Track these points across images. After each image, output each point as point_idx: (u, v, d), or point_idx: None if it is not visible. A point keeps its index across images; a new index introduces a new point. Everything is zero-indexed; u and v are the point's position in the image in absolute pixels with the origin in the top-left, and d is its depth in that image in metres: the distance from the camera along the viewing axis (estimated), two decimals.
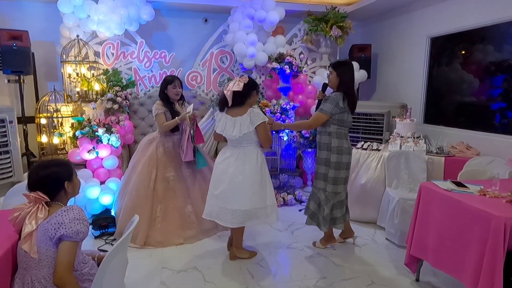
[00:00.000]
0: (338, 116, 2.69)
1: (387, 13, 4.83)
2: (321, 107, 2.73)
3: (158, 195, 3.06)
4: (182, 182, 3.14)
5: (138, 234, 2.95)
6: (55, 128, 3.91)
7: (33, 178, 1.50)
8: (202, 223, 3.09)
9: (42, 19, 4.30)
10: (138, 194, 3.03)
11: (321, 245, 2.98)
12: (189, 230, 3.07)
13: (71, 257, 1.41)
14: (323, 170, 2.78)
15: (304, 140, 4.29)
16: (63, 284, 1.37)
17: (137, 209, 2.93)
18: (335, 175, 2.74)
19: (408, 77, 4.50)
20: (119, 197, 3.22)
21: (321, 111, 2.71)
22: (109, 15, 3.94)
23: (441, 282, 2.45)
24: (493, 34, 3.43)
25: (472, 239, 1.95)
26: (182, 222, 3.07)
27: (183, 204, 3.10)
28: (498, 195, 2.10)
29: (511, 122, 3.28)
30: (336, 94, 2.69)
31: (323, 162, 2.77)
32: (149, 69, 4.46)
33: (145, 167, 3.08)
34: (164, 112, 3.06)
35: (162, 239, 2.98)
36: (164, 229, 3.01)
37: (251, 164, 2.58)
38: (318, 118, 2.73)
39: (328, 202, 2.78)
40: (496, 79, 3.44)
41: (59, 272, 1.37)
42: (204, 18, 4.86)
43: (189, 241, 3.05)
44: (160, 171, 3.08)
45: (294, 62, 4.37)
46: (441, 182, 2.39)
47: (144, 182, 3.04)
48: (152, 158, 3.09)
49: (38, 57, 4.25)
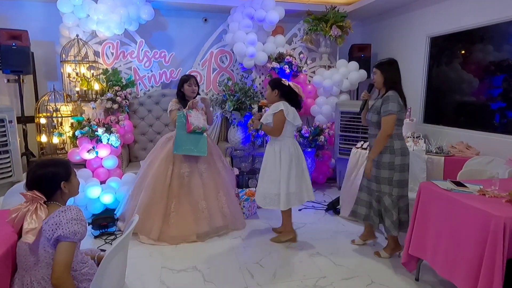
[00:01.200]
0: (398, 115, 2.59)
1: (386, 12, 4.83)
2: (388, 109, 2.55)
3: (173, 191, 3.13)
4: (197, 178, 3.20)
5: (153, 228, 3.01)
6: (54, 128, 3.91)
7: (30, 177, 1.51)
8: (214, 220, 3.16)
9: (41, 18, 4.30)
10: (155, 190, 3.10)
11: (387, 254, 2.83)
12: (202, 225, 3.11)
13: (69, 257, 1.41)
14: (386, 174, 2.66)
15: (304, 140, 4.30)
16: (60, 284, 1.37)
17: (153, 205, 3.06)
18: (400, 178, 2.66)
19: (408, 77, 4.48)
20: (133, 194, 3.23)
21: (390, 112, 2.55)
22: (109, 15, 3.94)
23: (441, 282, 2.45)
24: (492, 34, 3.43)
25: (471, 239, 1.95)
26: (195, 217, 3.11)
27: (197, 199, 3.15)
28: (497, 194, 2.10)
29: (510, 121, 3.28)
30: (393, 93, 2.59)
31: (387, 166, 2.65)
32: (148, 69, 4.46)
33: (163, 163, 3.16)
34: (178, 108, 3.19)
35: (176, 234, 3.03)
36: (178, 224, 3.06)
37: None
38: (390, 121, 2.56)
39: (395, 207, 2.69)
40: (496, 78, 3.44)
41: (57, 272, 1.37)
42: (203, 17, 4.86)
43: (201, 239, 3.10)
44: (176, 168, 3.16)
45: (294, 62, 4.37)
46: (441, 182, 2.39)
47: (161, 178, 3.12)
48: (169, 155, 3.18)
49: (37, 56, 4.24)
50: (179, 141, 3.10)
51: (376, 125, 2.70)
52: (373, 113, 2.71)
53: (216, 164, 3.36)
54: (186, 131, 3.09)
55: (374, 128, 2.73)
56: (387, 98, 2.59)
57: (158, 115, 4.45)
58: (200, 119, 3.15)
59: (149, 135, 4.43)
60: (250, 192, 3.76)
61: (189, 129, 3.08)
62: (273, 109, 2.90)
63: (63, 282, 1.38)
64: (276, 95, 2.95)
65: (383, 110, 2.59)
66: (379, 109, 2.65)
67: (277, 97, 2.96)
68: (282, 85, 2.95)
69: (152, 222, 3.04)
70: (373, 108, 2.74)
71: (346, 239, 3.20)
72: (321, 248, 3.00)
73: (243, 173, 4.24)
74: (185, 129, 3.09)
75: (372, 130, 2.76)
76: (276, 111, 2.87)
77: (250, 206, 3.67)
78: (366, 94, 2.86)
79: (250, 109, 4.17)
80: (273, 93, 2.96)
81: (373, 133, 2.74)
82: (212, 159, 3.34)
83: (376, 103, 2.72)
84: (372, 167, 2.73)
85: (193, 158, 3.21)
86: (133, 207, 3.15)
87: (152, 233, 3.02)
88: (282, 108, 2.86)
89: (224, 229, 3.24)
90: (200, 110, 3.25)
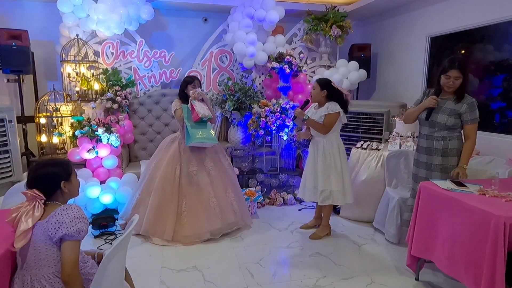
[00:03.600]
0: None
1: (386, 12, 4.83)
2: (476, 117, 2.47)
3: (183, 190, 3.13)
4: (205, 176, 3.20)
5: (166, 230, 3.01)
6: (54, 128, 3.91)
7: (31, 175, 1.51)
8: (226, 216, 3.17)
9: (41, 18, 4.30)
10: (164, 191, 3.10)
11: None
12: (215, 223, 3.11)
13: (76, 254, 1.43)
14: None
15: (304, 140, 4.29)
16: (73, 281, 1.40)
17: (164, 206, 3.07)
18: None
19: (408, 77, 4.50)
20: (141, 197, 3.19)
21: (477, 120, 2.49)
22: (109, 15, 3.94)
23: (441, 282, 2.45)
24: (492, 34, 3.43)
25: (472, 239, 1.95)
26: (207, 215, 3.11)
27: (207, 197, 3.15)
28: (497, 194, 2.11)
29: (510, 121, 3.28)
30: (473, 98, 2.50)
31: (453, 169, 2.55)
32: (148, 69, 4.46)
33: (170, 164, 3.16)
34: (182, 107, 3.18)
35: (190, 233, 3.03)
36: (191, 223, 3.06)
37: None
38: (476, 129, 2.52)
39: None
40: (496, 78, 3.44)
41: (68, 269, 1.39)
42: (203, 17, 4.86)
43: (215, 235, 3.10)
44: (183, 167, 3.17)
45: (294, 62, 4.37)
46: (441, 182, 2.38)
47: (170, 179, 3.13)
48: (176, 155, 3.19)
49: (37, 56, 4.24)
50: (190, 132, 3.07)
51: (445, 127, 2.54)
52: (449, 116, 2.51)
53: (222, 162, 3.37)
54: (193, 122, 3.09)
55: (440, 130, 2.56)
56: (473, 105, 2.47)
57: (158, 115, 4.45)
58: (204, 108, 3.15)
59: (149, 135, 4.43)
60: (250, 192, 3.76)
61: (197, 118, 3.06)
62: (330, 108, 2.99)
63: (75, 279, 1.40)
64: (324, 95, 3.04)
65: (472, 117, 2.48)
66: (456, 112, 2.50)
67: (324, 97, 3.05)
68: (332, 86, 3.04)
69: (165, 223, 3.04)
70: (446, 110, 2.53)
71: (346, 238, 3.20)
72: (321, 248, 3.00)
73: (243, 173, 4.24)
74: (192, 119, 3.09)
75: (435, 132, 2.58)
76: (332, 111, 2.97)
77: (250, 206, 3.67)
78: (437, 100, 2.56)
79: (250, 109, 4.17)
80: (321, 92, 3.05)
81: (439, 135, 2.57)
82: (218, 157, 3.35)
83: (445, 104, 2.55)
84: (438, 173, 2.59)
85: (200, 157, 3.21)
86: (143, 210, 3.12)
87: (166, 234, 3.01)
88: (339, 110, 2.99)
89: (235, 225, 3.26)
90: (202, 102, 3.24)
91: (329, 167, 3.04)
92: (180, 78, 4.41)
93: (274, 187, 4.27)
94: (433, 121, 2.58)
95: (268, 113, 3.99)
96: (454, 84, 2.49)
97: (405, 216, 2.94)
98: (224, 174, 3.33)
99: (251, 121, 4.06)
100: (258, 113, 4.00)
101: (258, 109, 4.04)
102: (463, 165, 2.50)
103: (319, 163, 3.07)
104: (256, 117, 4.01)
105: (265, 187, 4.25)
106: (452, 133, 2.55)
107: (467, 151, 2.52)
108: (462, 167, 2.50)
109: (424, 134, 2.67)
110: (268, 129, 4.03)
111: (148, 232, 3.05)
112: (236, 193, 3.36)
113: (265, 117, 3.98)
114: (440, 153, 2.57)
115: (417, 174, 2.75)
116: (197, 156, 3.21)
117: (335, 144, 3.07)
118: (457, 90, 2.52)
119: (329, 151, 3.05)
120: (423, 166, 2.67)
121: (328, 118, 2.99)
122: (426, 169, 2.65)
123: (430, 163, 2.62)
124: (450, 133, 2.55)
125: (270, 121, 3.97)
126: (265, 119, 3.98)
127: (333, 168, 3.04)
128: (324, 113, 3.01)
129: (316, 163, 3.10)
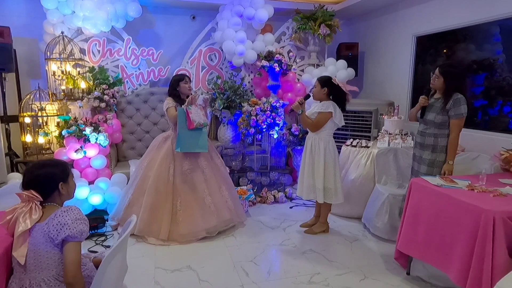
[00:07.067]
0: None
1: (373, 11, 4.91)
2: (460, 112, 2.55)
3: (177, 189, 3.11)
4: (200, 174, 3.19)
5: (161, 229, 2.99)
6: (40, 128, 3.80)
7: (27, 176, 1.48)
8: (221, 214, 3.17)
9: (24, 14, 4.16)
10: (158, 190, 3.07)
11: None
12: (211, 221, 3.11)
13: (79, 255, 1.41)
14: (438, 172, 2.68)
15: (294, 138, 4.32)
16: (77, 282, 1.38)
17: (158, 206, 3.04)
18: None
19: (395, 75, 4.59)
20: (134, 198, 3.15)
21: (462, 115, 2.56)
22: (95, 12, 3.85)
23: (431, 276, 2.52)
24: (474, 34, 3.54)
25: (461, 232, 2.02)
26: (203, 213, 3.10)
27: (202, 195, 3.14)
28: (485, 189, 2.18)
29: (492, 118, 3.40)
30: (461, 95, 2.58)
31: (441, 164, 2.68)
32: (136, 67, 4.39)
33: (163, 163, 3.14)
34: (175, 106, 3.16)
35: (186, 232, 3.02)
36: (187, 221, 3.05)
37: None
38: (462, 124, 2.60)
39: None
40: (478, 77, 3.55)
41: (72, 271, 1.37)
42: (191, 15, 4.82)
43: (211, 233, 3.11)
44: (177, 165, 3.15)
45: (283, 60, 4.39)
46: (431, 178, 2.45)
47: (163, 178, 3.10)
48: (169, 154, 3.16)
49: (20, 54, 4.10)
50: (182, 139, 3.06)
51: (435, 125, 2.67)
52: (437, 114, 2.65)
53: (215, 160, 3.37)
54: (187, 129, 3.06)
55: (431, 127, 2.69)
56: (457, 101, 2.56)
57: (147, 114, 4.39)
58: (200, 115, 3.14)
59: (138, 134, 4.36)
60: (241, 191, 3.76)
61: (191, 126, 3.04)
62: (323, 107, 3.00)
63: (78, 280, 1.39)
64: (325, 92, 3.04)
65: (456, 112, 2.57)
66: (442, 109, 2.62)
67: (325, 95, 3.05)
68: (332, 84, 3.03)
69: (160, 223, 3.02)
70: (436, 109, 2.67)
71: (338, 235, 3.25)
72: (314, 245, 3.03)
73: (234, 172, 4.24)
74: (186, 126, 3.06)
75: (427, 129, 2.72)
76: (324, 110, 2.98)
77: (242, 205, 3.67)
78: (426, 100, 2.75)
79: (240, 107, 4.17)
80: (322, 90, 3.05)
81: (430, 132, 2.70)
82: (210, 155, 3.34)
83: (435, 103, 2.69)
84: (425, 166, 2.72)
85: (194, 155, 3.20)
86: (137, 210, 3.07)
87: (161, 234, 2.99)
88: (332, 110, 2.98)
89: (230, 222, 3.26)
90: (198, 105, 3.22)
91: (317, 165, 3.07)
92: (168, 77, 4.37)
93: (265, 185, 4.29)
94: (425, 118, 2.76)
95: (259, 112, 4.00)
96: (434, 82, 2.69)
97: (396, 211, 3.03)
98: (218, 171, 3.33)
99: (241, 119, 4.06)
100: (248, 112, 4.01)
101: (248, 107, 4.04)
102: (449, 161, 2.65)
103: (306, 159, 3.15)
104: (246, 116, 4.01)
105: (255, 186, 4.26)
106: (442, 131, 2.67)
107: (451, 146, 2.65)
108: (448, 163, 2.64)
109: (419, 131, 2.85)
110: (259, 127, 4.04)
111: (143, 232, 3.02)
112: (230, 190, 3.37)
113: (256, 115, 3.99)
114: (430, 148, 2.72)
115: (413, 167, 2.95)
116: (190, 154, 3.19)
117: (323, 143, 3.07)
118: (444, 90, 2.66)
119: (317, 149, 3.07)
120: (416, 160, 2.86)
121: (319, 116, 3.02)
122: (418, 162, 2.84)
123: (421, 156, 2.79)
124: (441, 131, 2.67)
125: (261, 120, 3.99)
126: (256, 117, 3.98)
127: (321, 166, 3.06)
128: (316, 110, 3.05)
129: (305, 159, 3.18)
